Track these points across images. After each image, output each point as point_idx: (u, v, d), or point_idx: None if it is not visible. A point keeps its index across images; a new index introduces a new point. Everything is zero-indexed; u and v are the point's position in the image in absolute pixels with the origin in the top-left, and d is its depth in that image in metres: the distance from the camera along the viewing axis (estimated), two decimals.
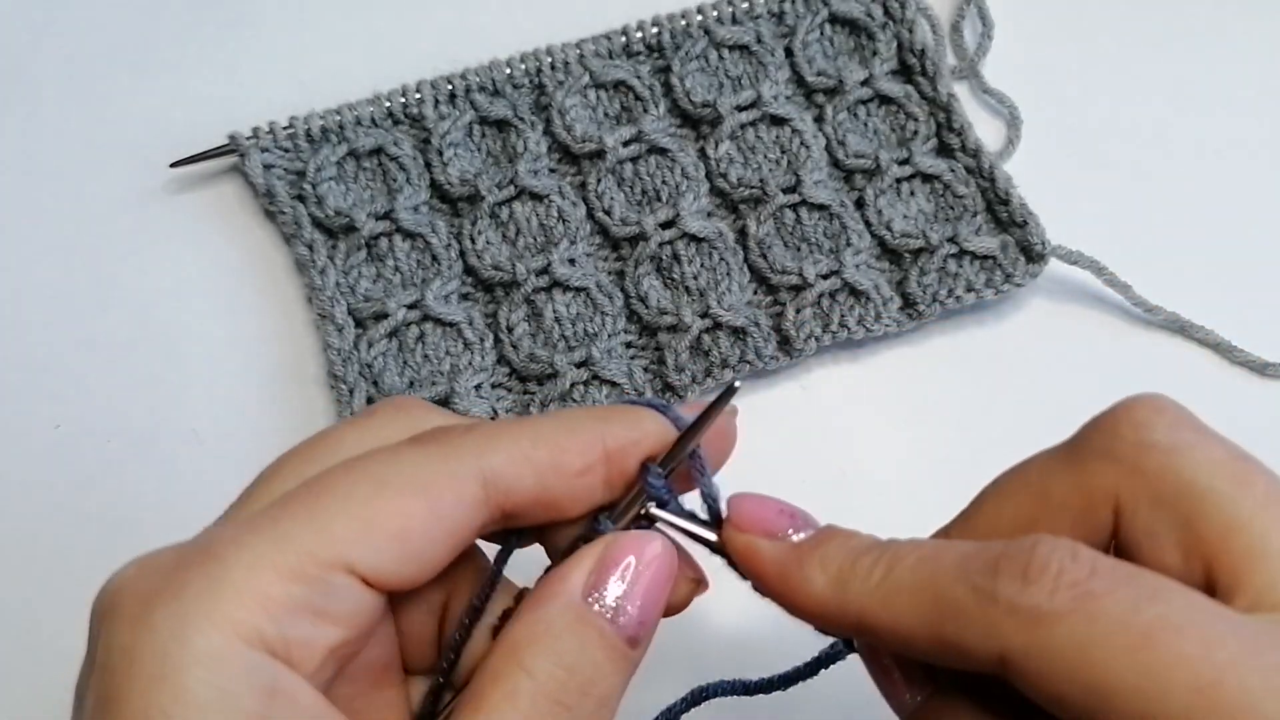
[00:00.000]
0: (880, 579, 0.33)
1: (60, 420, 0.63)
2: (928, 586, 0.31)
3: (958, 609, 0.31)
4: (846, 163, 0.66)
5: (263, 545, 0.30)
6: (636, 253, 0.64)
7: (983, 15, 0.70)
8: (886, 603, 0.32)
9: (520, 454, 0.34)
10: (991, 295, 0.62)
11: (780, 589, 0.35)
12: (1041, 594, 0.29)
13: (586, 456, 0.35)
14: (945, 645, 0.31)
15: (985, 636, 0.30)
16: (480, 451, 0.33)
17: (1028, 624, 0.29)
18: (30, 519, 0.60)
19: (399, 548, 0.32)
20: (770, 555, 0.35)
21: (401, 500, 0.32)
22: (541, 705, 0.32)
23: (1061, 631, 0.28)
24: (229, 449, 0.62)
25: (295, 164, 0.66)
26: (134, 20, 0.74)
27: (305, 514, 0.31)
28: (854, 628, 0.33)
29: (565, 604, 0.34)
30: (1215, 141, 0.68)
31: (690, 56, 0.68)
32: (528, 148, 0.66)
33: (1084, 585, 0.29)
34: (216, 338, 0.65)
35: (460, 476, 0.33)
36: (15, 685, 0.57)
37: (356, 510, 0.31)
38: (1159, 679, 0.27)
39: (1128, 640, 0.28)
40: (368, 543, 0.31)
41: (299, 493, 0.32)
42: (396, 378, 0.62)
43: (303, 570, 0.30)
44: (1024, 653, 0.29)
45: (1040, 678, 0.29)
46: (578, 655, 0.33)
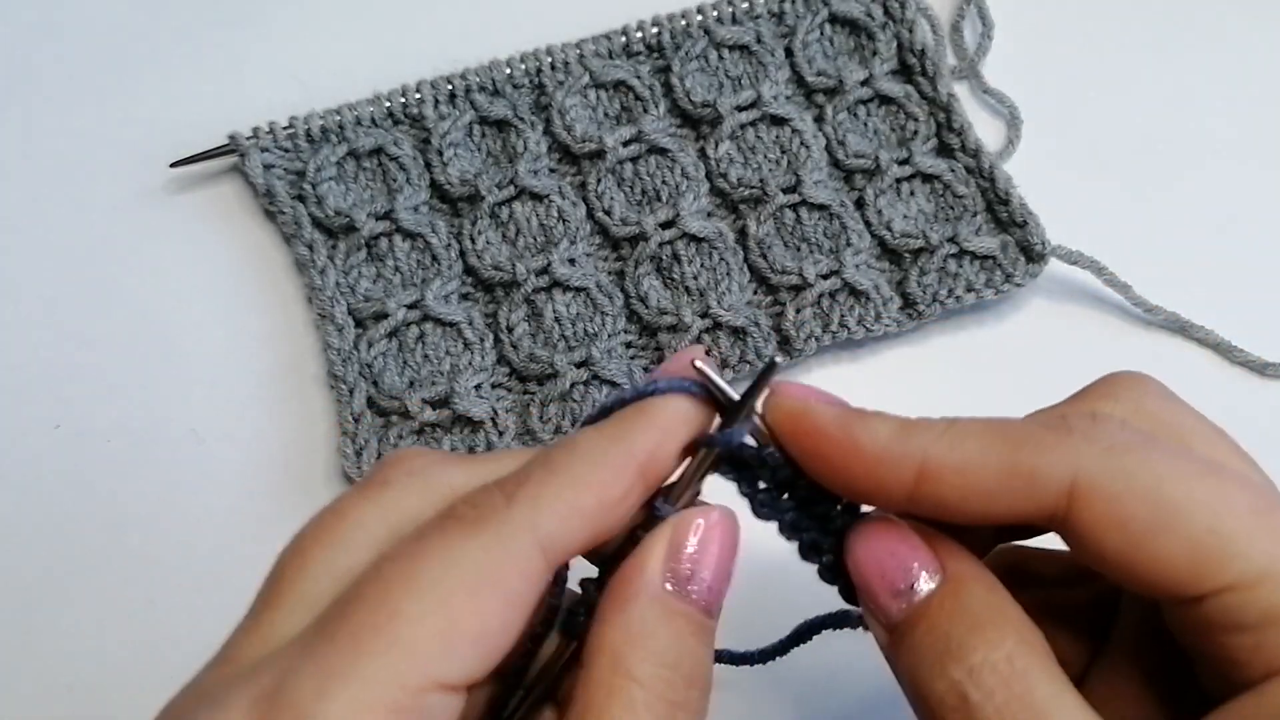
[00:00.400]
0: (946, 427, 0.34)
1: (60, 420, 0.63)
2: (998, 428, 0.33)
3: (1032, 439, 0.32)
4: (846, 163, 0.66)
5: (351, 691, 0.29)
6: (636, 253, 0.64)
7: (983, 15, 0.70)
8: (954, 444, 0.33)
9: (570, 510, 0.33)
10: (991, 295, 0.62)
11: (840, 443, 0.34)
12: (1113, 427, 0.32)
13: (625, 483, 0.34)
14: (1016, 475, 0.32)
15: (1060, 460, 0.32)
16: (532, 520, 0.32)
17: (1104, 449, 0.31)
18: (30, 519, 0.60)
19: (482, 649, 0.31)
20: (828, 412, 0.35)
21: (474, 601, 0.31)
22: (659, 710, 0.32)
23: (1135, 458, 0.31)
24: (229, 449, 0.62)
25: (295, 164, 0.66)
26: (134, 20, 0.74)
27: (383, 644, 0.29)
28: (913, 477, 0.33)
29: (651, 598, 0.33)
30: (1215, 142, 0.68)
31: (690, 56, 0.68)
32: (528, 148, 0.66)
33: (1146, 433, 0.33)
34: (216, 338, 0.65)
35: (523, 556, 0.32)
36: (15, 685, 0.57)
37: (432, 624, 0.30)
38: (1225, 500, 0.30)
39: (1195, 469, 0.31)
40: (453, 656, 0.30)
41: (362, 615, 0.30)
42: (396, 378, 0.62)
43: (398, 704, 0.29)
44: (1100, 473, 0.31)
45: (1111, 499, 0.31)
46: (678, 649, 0.33)
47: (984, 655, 0.31)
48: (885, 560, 0.35)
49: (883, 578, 0.34)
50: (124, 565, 0.59)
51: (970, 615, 0.32)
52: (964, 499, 0.33)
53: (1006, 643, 0.31)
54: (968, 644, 0.32)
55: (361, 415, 0.61)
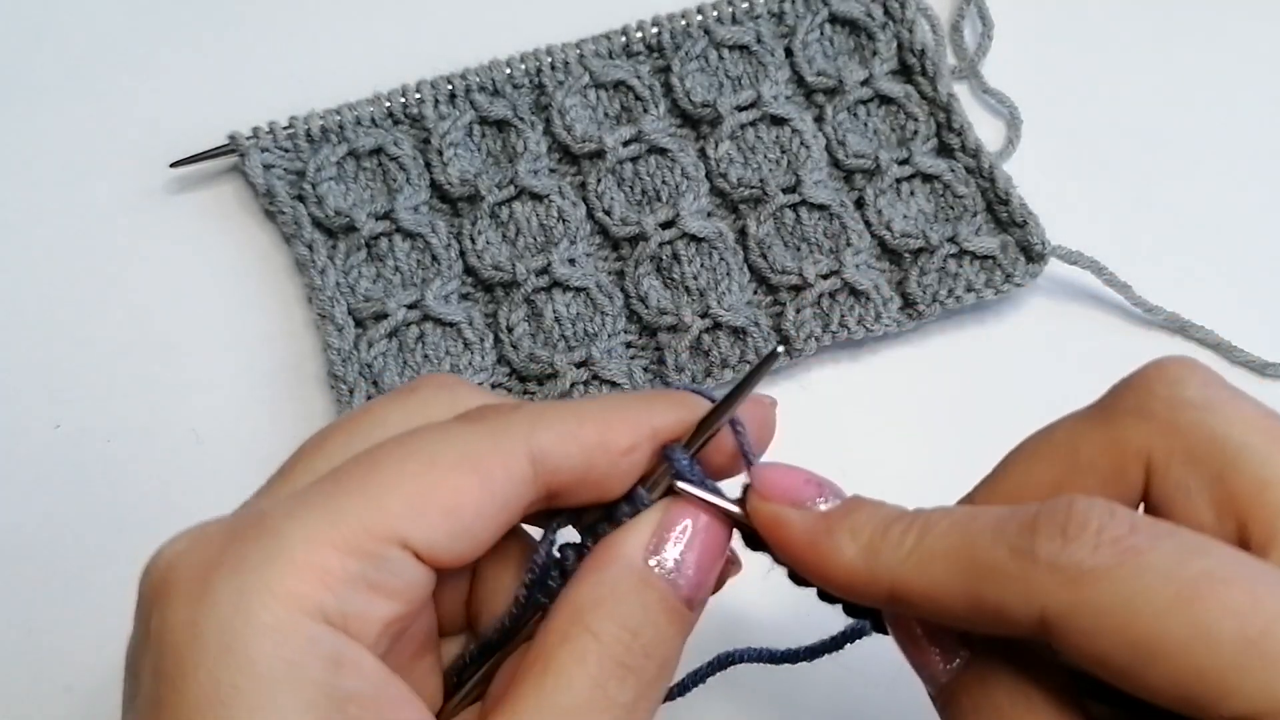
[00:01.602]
0: (913, 546, 0.32)
1: (60, 420, 0.63)
2: (963, 550, 0.31)
3: (996, 571, 0.30)
4: (846, 163, 0.66)
5: (318, 519, 0.30)
6: (636, 253, 0.64)
7: (983, 15, 0.70)
8: (920, 569, 0.32)
9: (568, 432, 0.34)
10: (991, 295, 0.62)
11: (809, 559, 0.34)
12: (1083, 551, 0.29)
13: (633, 435, 0.35)
14: (983, 609, 0.30)
15: (1026, 597, 0.29)
16: (529, 429, 0.33)
17: (1070, 582, 0.29)
18: (30, 519, 0.60)
19: (452, 524, 0.32)
20: (799, 525, 0.35)
21: (454, 476, 0.32)
22: (608, 667, 0.32)
23: (1106, 588, 0.28)
24: (229, 449, 0.62)
25: (295, 164, 0.66)
26: (134, 20, 0.74)
27: (359, 489, 0.31)
28: (887, 597, 0.33)
29: (627, 566, 0.34)
30: (1215, 141, 0.68)
31: (690, 56, 0.68)
32: (528, 148, 0.66)
33: (1126, 541, 0.29)
34: (216, 338, 0.65)
35: (510, 453, 0.33)
36: (15, 685, 0.57)
37: (410, 486, 0.31)
38: (1208, 632, 0.27)
39: (1175, 593, 0.28)
40: (422, 518, 0.31)
41: (350, 467, 0.32)
42: (396, 378, 0.62)
43: (359, 544, 0.30)
44: (1067, 611, 0.29)
45: (1084, 636, 0.29)
46: (641, 618, 0.33)
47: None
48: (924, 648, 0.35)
49: (927, 663, 0.35)
50: (124, 565, 0.59)
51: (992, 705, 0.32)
52: (939, 618, 0.33)
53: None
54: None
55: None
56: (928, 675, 0.35)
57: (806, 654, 0.43)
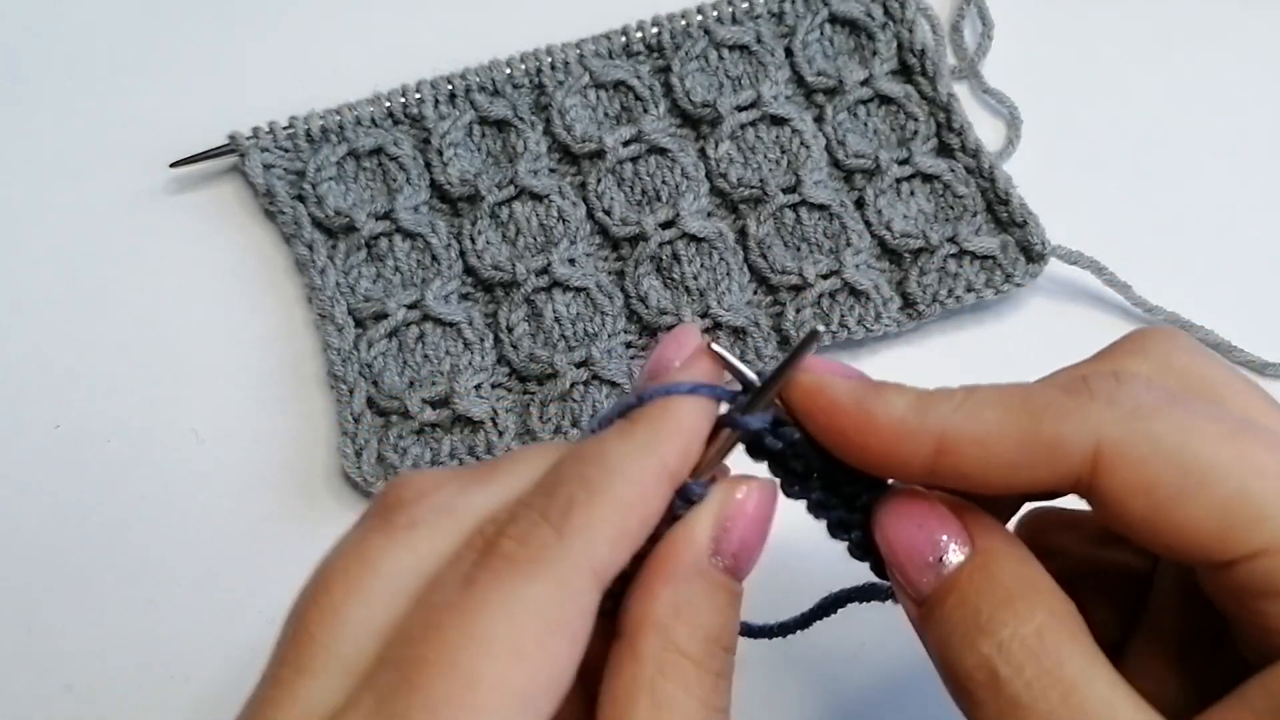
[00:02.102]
0: (964, 397, 0.33)
1: (60, 420, 0.63)
2: (1016, 396, 0.32)
3: (1052, 406, 0.31)
4: (846, 163, 0.66)
5: None
6: (636, 253, 0.64)
7: (983, 15, 0.70)
8: (973, 415, 0.32)
9: (617, 535, 0.32)
10: (991, 295, 0.62)
11: (856, 418, 0.34)
12: (1139, 389, 0.31)
13: (662, 495, 0.34)
14: (1038, 444, 0.31)
15: (1082, 426, 0.31)
16: (587, 554, 0.31)
17: (1128, 413, 0.31)
18: (30, 519, 0.60)
19: (555, 693, 0.30)
20: (844, 386, 0.34)
21: (546, 653, 0.29)
22: (708, 683, 0.32)
23: (1160, 421, 0.30)
24: (229, 449, 0.62)
25: (295, 164, 0.66)
26: (134, 20, 0.74)
27: (466, 716, 0.28)
28: (933, 451, 0.33)
29: (697, 571, 0.34)
30: (1215, 141, 0.68)
31: (690, 56, 0.68)
32: (528, 148, 0.66)
33: (1171, 391, 0.31)
34: (216, 338, 0.65)
35: (583, 594, 0.31)
36: (15, 685, 0.57)
37: (512, 687, 0.29)
38: (1254, 462, 0.29)
39: (1223, 430, 0.30)
40: (529, 709, 0.29)
41: (435, 684, 0.28)
42: (396, 377, 0.62)
43: None
44: (1124, 438, 0.30)
45: (1138, 464, 0.30)
46: (719, 622, 0.33)
47: (1013, 630, 0.31)
48: (913, 533, 0.34)
49: (911, 551, 0.34)
50: (124, 565, 0.59)
51: (1000, 588, 0.32)
52: (985, 470, 0.32)
53: (1036, 616, 0.31)
54: (997, 618, 0.31)
55: (361, 415, 0.61)
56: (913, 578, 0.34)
57: (780, 630, 0.43)
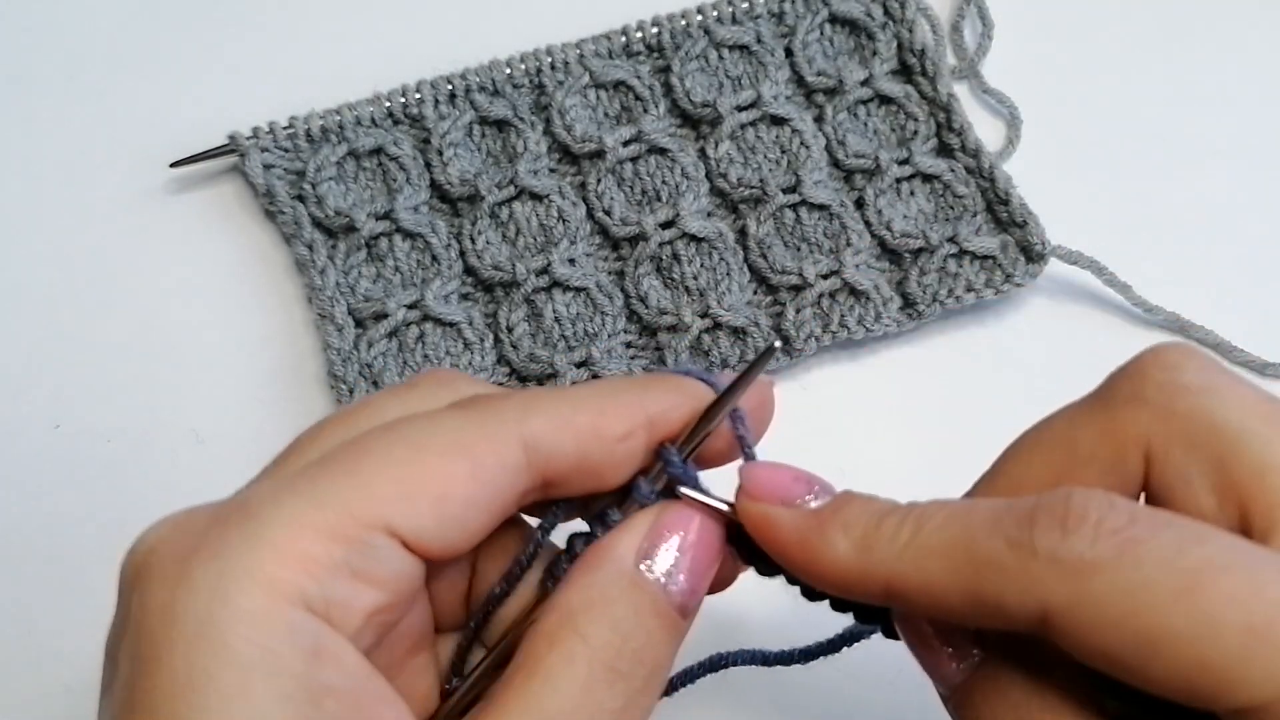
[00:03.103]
0: (908, 539, 0.31)
1: (60, 420, 0.63)
2: (960, 544, 0.30)
3: (994, 565, 0.29)
4: (846, 163, 0.66)
5: (302, 504, 0.30)
6: (636, 253, 0.64)
7: (983, 15, 0.70)
8: (916, 564, 0.31)
9: (561, 418, 0.33)
10: (991, 295, 0.62)
11: (801, 558, 0.34)
12: (1083, 543, 0.28)
13: (628, 422, 0.34)
14: (982, 605, 0.30)
15: (1025, 592, 0.29)
16: (521, 416, 0.33)
17: (1070, 575, 0.28)
18: (30, 519, 0.60)
19: (440, 511, 0.31)
20: (789, 523, 0.34)
21: (442, 462, 0.31)
22: (597, 671, 0.32)
23: (1106, 580, 0.28)
24: (229, 449, 0.62)
25: (295, 164, 0.66)
26: (134, 20, 0.74)
27: (344, 474, 0.31)
28: (882, 593, 0.32)
29: (619, 570, 0.33)
30: (1215, 141, 0.68)
31: (690, 56, 0.68)
32: (528, 148, 0.66)
33: (1126, 532, 0.28)
34: (216, 337, 0.65)
35: (501, 440, 0.32)
36: (15, 685, 0.57)
37: (396, 472, 0.31)
38: (1210, 621, 0.27)
39: (1176, 584, 0.27)
40: (408, 505, 0.31)
41: (337, 453, 0.32)
42: (396, 378, 0.62)
43: (343, 530, 0.30)
44: (1068, 606, 0.28)
45: (1086, 630, 0.28)
46: (632, 622, 0.33)
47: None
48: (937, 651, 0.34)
49: (935, 666, 0.34)
50: None
51: (1007, 704, 0.32)
52: (938, 615, 0.32)
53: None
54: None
55: None
56: (939, 676, 0.34)
57: (801, 656, 0.42)
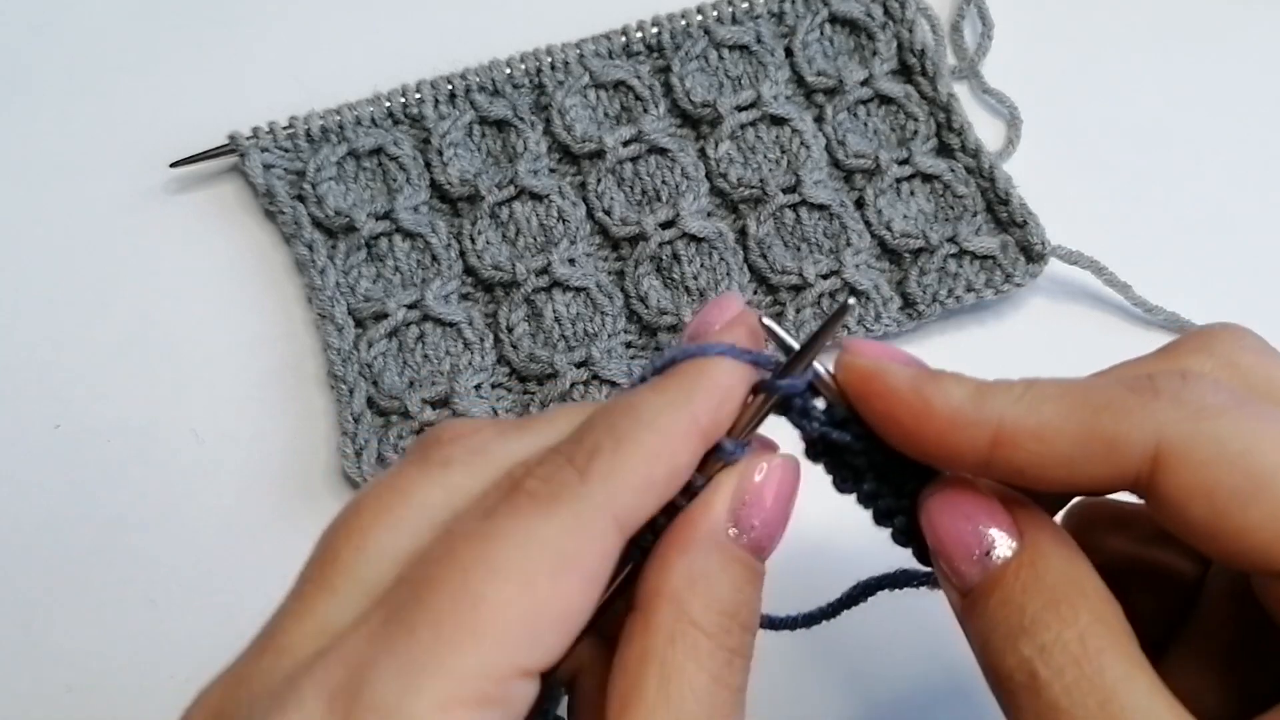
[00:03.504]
0: (1024, 389, 0.32)
1: (60, 420, 0.63)
2: (1078, 391, 0.32)
3: (1115, 403, 0.31)
4: (846, 163, 0.66)
5: (441, 685, 0.27)
6: (636, 253, 0.64)
7: (983, 15, 0.70)
8: (1032, 408, 0.32)
9: (642, 483, 0.32)
10: (991, 295, 0.62)
11: (912, 405, 0.33)
12: (1206, 389, 0.30)
13: (691, 449, 0.33)
14: (1097, 441, 0.31)
15: (1144, 425, 0.30)
16: (609, 498, 0.31)
17: (1192, 413, 0.30)
18: (30, 519, 0.60)
19: (564, 631, 0.30)
20: (901, 373, 0.34)
21: (557, 586, 0.29)
22: (721, 658, 0.32)
23: (1226, 423, 0.30)
24: (229, 449, 0.62)
25: (295, 164, 0.66)
26: (134, 20, 0.74)
27: (469, 633, 0.28)
28: (989, 440, 0.32)
29: (714, 544, 0.33)
30: (1215, 141, 0.68)
31: (690, 56, 0.68)
32: (528, 148, 0.66)
33: (1239, 393, 0.31)
34: (216, 337, 0.65)
35: (601, 535, 0.31)
36: (15, 685, 0.57)
37: (518, 612, 0.29)
38: None
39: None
40: (537, 642, 0.29)
41: (442, 602, 0.29)
42: (396, 377, 0.62)
43: (486, 696, 0.28)
44: (1187, 439, 0.30)
45: (1199, 467, 0.29)
46: (736, 597, 0.33)
47: (1057, 632, 0.30)
48: (960, 525, 0.34)
49: (958, 543, 0.33)
50: (124, 565, 0.59)
51: (1045, 588, 0.31)
52: (1041, 465, 0.32)
53: (1081, 620, 0.30)
54: (1041, 619, 0.31)
55: (361, 415, 0.61)
56: (960, 569, 0.33)
57: (805, 620, 0.42)
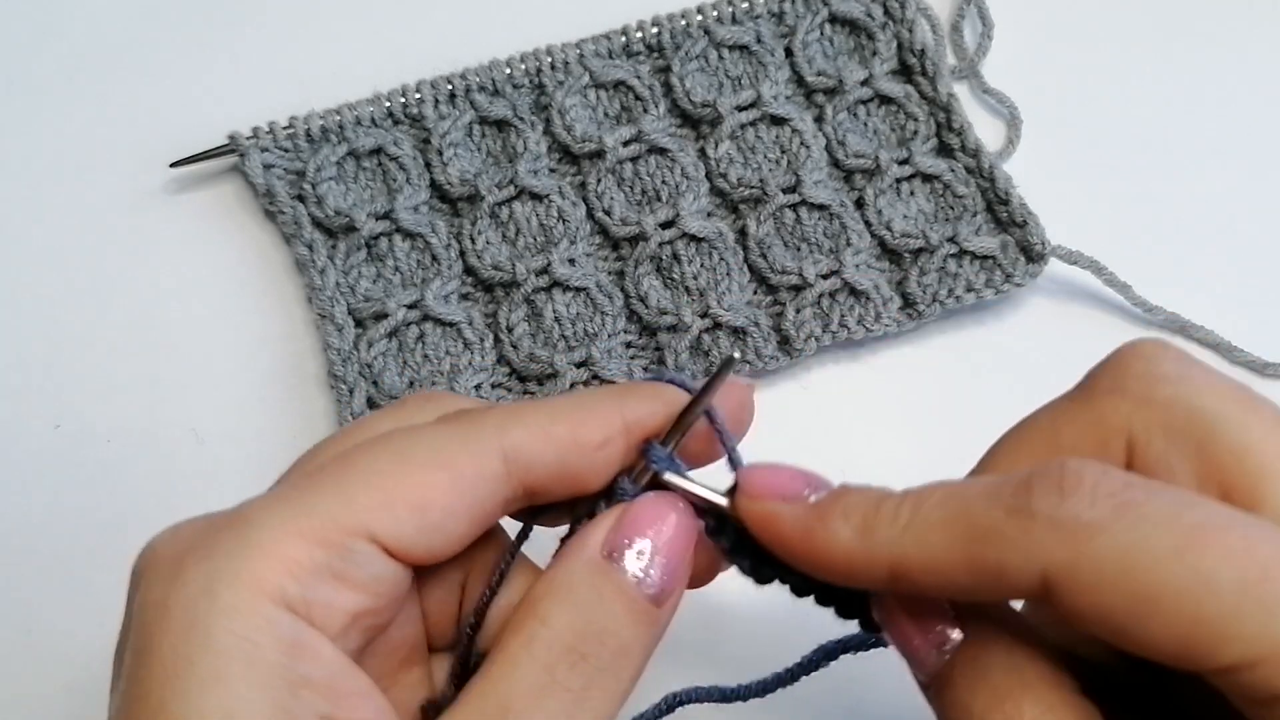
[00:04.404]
0: (908, 519, 0.32)
1: (60, 420, 0.63)
2: (959, 517, 0.31)
3: (994, 532, 0.30)
4: (846, 163, 0.66)
5: (289, 512, 0.32)
6: (636, 253, 0.64)
7: (983, 15, 0.70)
8: (918, 541, 0.32)
9: (540, 429, 0.35)
10: (991, 295, 0.62)
11: (804, 548, 0.34)
12: (1081, 505, 0.29)
13: (605, 430, 0.36)
14: (984, 573, 0.30)
15: (1026, 557, 0.30)
16: (501, 428, 0.35)
17: (1070, 537, 0.29)
18: (30, 519, 0.60)
19: (420, 518, 0.33)
20: (790, 516, 0.35)
21: (423, 472, 0.33)
22: (556, 652, 0.33)
23: (1105, 541, 0.29)
24: (229, 449, 0.62)
25: (295, 164, 0.66)
26: (134, 20, 0.74)
27: (331, 485, 0.33)
28: (885, 575, 0.33)
29: (584, 560, 0.34)
30: (1215, 141, 0.68)
31: (690, 56, 0.68)
32: (528, 148, 0.66)
33: (1122, 495, 0.29)
34: (216, 338, 0.65)
35: (481, 451, 0.34)
36: (15, 685, 0.57)
37: (378, 481, 0.33)
38: (1207, 577, 0.27)
39: (1173, 542, 0.28)
40: (389, 512, 0.33)
41: (327, 466, 0.34)
42: (396, 378, 0.62)
43: (326, 536, 0.32)
44: (1068, 566, 0.29)
45: (1085, 591, 0.29)
46: (595, 606, 0.34)
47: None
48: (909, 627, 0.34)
49: (912, 643, 0.34)
50: (124, 565, 0.59)
51: (989, 687, 0.32)
52: (942, 591, 0.33)
53: (1025, 715, 0.31)
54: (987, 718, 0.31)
55: (361, 415, 0.61)
56: (920, 663, 0.34)
57: (759, 689, 0.41)
